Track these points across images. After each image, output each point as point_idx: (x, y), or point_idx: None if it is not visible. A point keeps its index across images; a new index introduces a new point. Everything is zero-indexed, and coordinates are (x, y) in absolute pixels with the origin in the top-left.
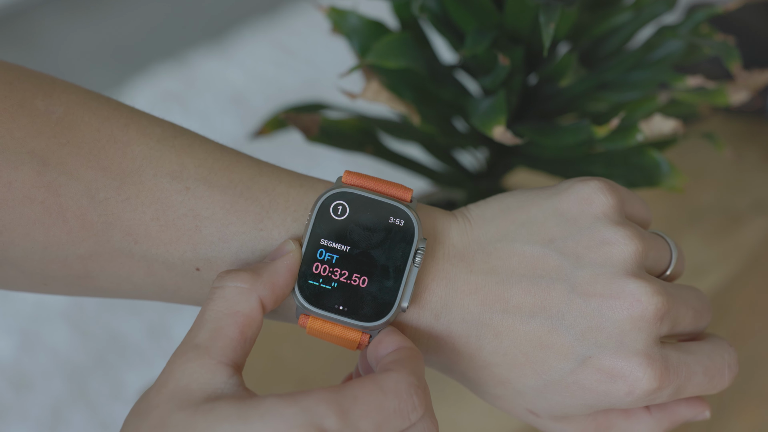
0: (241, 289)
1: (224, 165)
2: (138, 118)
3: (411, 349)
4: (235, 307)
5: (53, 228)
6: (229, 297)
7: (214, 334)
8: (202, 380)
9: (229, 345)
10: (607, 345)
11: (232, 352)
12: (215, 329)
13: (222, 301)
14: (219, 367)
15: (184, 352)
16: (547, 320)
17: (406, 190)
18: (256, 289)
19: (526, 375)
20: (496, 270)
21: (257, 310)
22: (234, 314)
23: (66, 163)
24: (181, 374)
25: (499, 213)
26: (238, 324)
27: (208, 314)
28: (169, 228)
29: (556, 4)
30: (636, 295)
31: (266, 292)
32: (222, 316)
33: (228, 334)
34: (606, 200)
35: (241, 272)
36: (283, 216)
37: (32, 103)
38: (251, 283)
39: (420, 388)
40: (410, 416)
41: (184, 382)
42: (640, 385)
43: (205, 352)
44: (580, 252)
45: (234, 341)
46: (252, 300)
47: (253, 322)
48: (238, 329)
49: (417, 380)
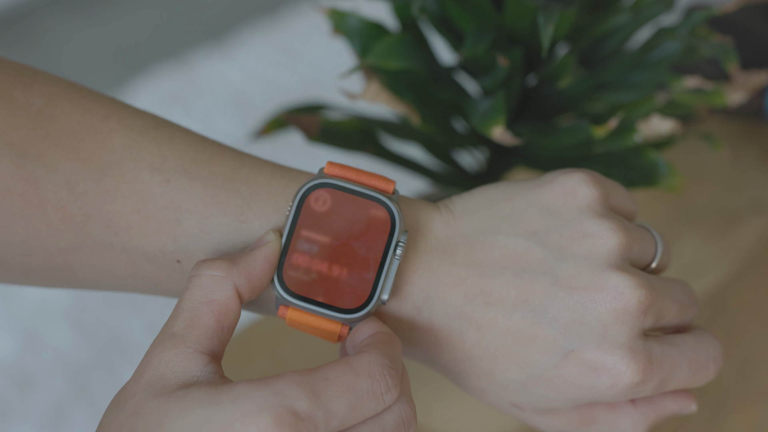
0: (216, 277)
1: (205, 156)
2: (119, 109)
3: (386, 333)
4: (211, 295)
5: (33, 221)
6: (205, 285)
7: (190, 323)
8: (178, 368)
9: (205, 333)
10: (590, 338)
11: (208, 340)
12: (191, 318)
13: (198, 289)
14: (195, 355)
15: (161, 342)
16: (529, 313)
17: (388, 182)
18: (232, 277)
19: (508, 368)
20: (479, 262)
21: (233, 299)
22: (210, 303)
23: (45, 155)
24: (158, 363)
25: (482, 205)
26: (214, 312)
27: (185, 303)
28: (149, 220)
29: (554, 6)
30: (619, 288)
31: (242, 280)
32: (198, 304)
33: (204, 322)
34: (590, 192)
35: (218, 261)
36: (264, 207)
37: (11, 94)
38: (227, 271)
39: (393, 369)
40: (384, 397)
41: (160, 371)
42: (623, 379)
43: (181, 340)
44: (563, 244)
45: (210, 330)
46: (228, 288)
47: (230, 311)
48: (214, 317)
49: (390, 362)
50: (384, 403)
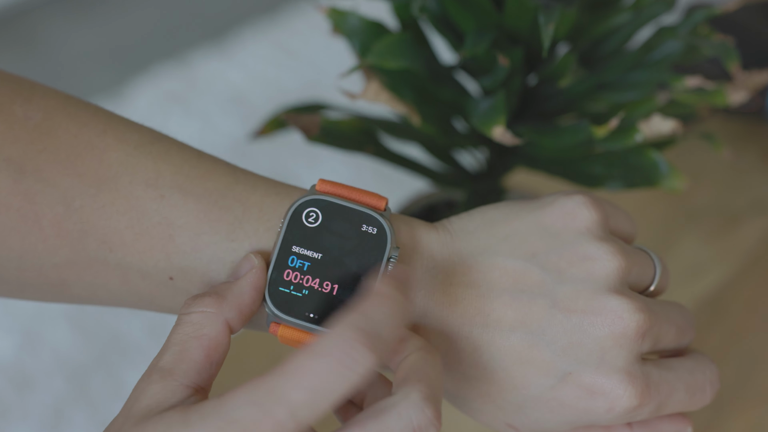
0: (207, 313)
1: (200, 172)
2: (116, 124)
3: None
4: (201, 330)
5: (29, 236)
6: (195, 321)
7: (179, 357)
8: (163, 400)
9: (193, 368)
10: (588, 361)
11: (197, 374)
12: (180, 351)
13: (188, 325)
14: (181, 389)
15: (149, 375)
16: (527, 335)
17: (380, 199)
18: (223, 312)
19: (505, 390)
20: (477, 283)
21: (224, 333)
22: (200, 337)
23: (42, 170)
24: (143, 395)
25: (481, 226)
26: (204, 347)
27: (174, 338)
28: (143, 236)
29: (555, 5)
30: (617, 312)
31: (233, 314)
32: (187, 338)
33: (193, 356)
34: (589, 215)
35: (206, 297)
36: (256, 226)
37: (10, 108)
38: (217, 307)
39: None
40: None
41: (145, 402)
42: (620, 403)
43: (169, 374)
44: (562, 267)
45: (198, 364)
46: (218, 323)
47: (220, 346)
48: (203, 352)
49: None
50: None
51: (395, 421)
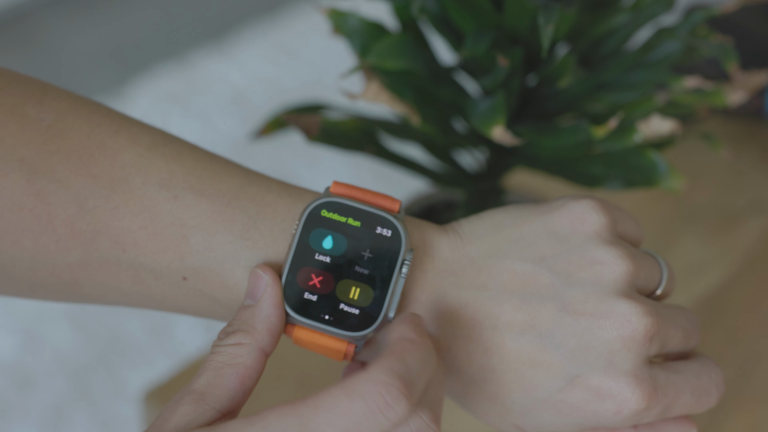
0: (243, 345)
1: (213, 173)
2: (129, 125)
3: (406, 341)
4: (237, 359)
5: (42, 236)
6: (230, 352)
7: (214, 381)
8: (192, 421)
9: (226, 394)
10: (596, 364)
11: (228, 401)
12: (215, 377)
13: (224, 355)
14: (211, 412)
15: (182, 396)
16: (536, 338)
17: (394, 201)
18: (258, 342)
19: (514, 392)
20: (487, 286)
21: (259, 362)
22: (235, 365)
23: (55, 171)
24: (173, 415)
25: (491, 229)
26: (239, 375)
27: (210, 363)
28: (156, 237)
29: (554, 6)
30: (626, 316)
31: (266, 340)
32: (223, 365)
33: (226, 383)
34: (598, 219)
35: (238, 332)
36: (271, 226)
37: (23, 109)
38: (251, 338)
39: (393, 386)
40: (386, 415)
41: (174, 422)
42: (628, 405)
43: (201, 397)
44: (571, 270)
45: (232, 390)
46: (254, 353)
47: (254, 374)
48: (238, 379)
49: (389, 377)
50: (389, 420)
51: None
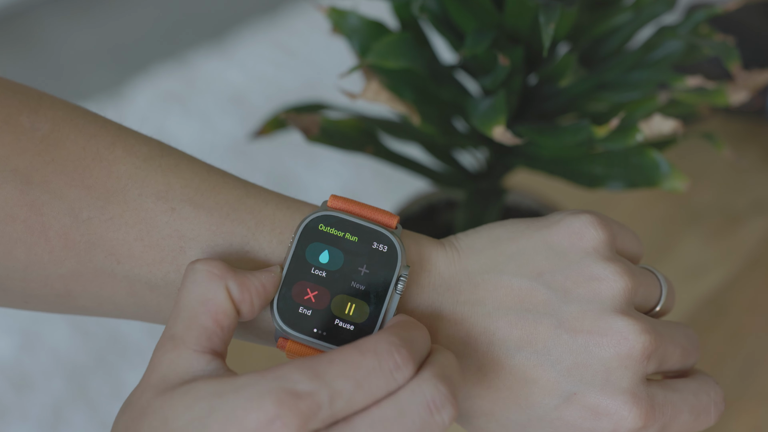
0: (211, 274)
1: (211, 186)
2: (125, 136)
3: (407, 319)
4: (207, 294)
5: (35, 247)
6: (199, 281)
7: (188, 323)
8: (180, 369)
9: (203, 334)
10: (593, 382)
11: (207, 340)
12: (189, 318)
13: (193, 285)
14: (195, 355)
15: (163, 344)
16: (532, 355)
17: (391, 217)
18: (225, 277)
19: (510, 409)
20: (483, 301)
21: (228, 300)
22: (205, 302)
23: (50, 182)
24: (160, 366)
25: (488, 244)
26: (211, 312)
27: (182, 302)
28: (153, 248)
29: (555, 5)
30: (623, 333)
31: (234, 284)
32: (195, 304)
33: (201, 323)
34: (597, 235)
35: (215, 260)
36: (269, 238)
37: (17, 119)
38: (222, 271)
39: (402, 347)
40: (394, 375)
41: (162, 372)
42: (625, 424)
43: (181, 341)
44: (568, 287)
45: (208, 330)
46: (221, 287)
47: (226, 311)
48: (211, 318)
49: (399, 340)
50: (395, 381)
51: (408, 397)
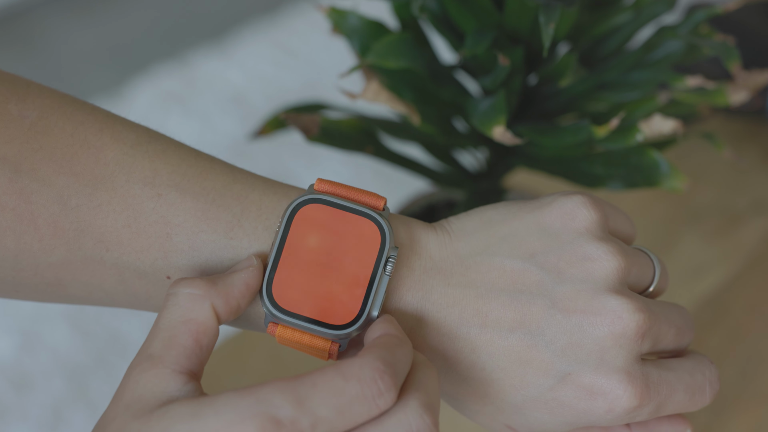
0: (194, 295)
1: (198, 171)
2: (113, 122)
3: (392, 336)
4: (189, 314)
5: (24, 235)
6: (182, 304)
7: (168, 343)
8: (157, 389)
9: (183, 353)
10: (588, 362)
11: (186, 360)
12: (169, 338)
13: (175, 308)
14: (173, 375)
15: (139, 363)
16: (526, 335)
17: (378, 198)
18: (210, 296)
19: (504, 391)
20: (475, 283)
21: (211, 318)
22: (187, 322)
23: (38, 170)
24: (135, 385)
25: (480, 226)
26: (192, 332)
27: (162, 322)
28: (140, 235)
29: (555, 5)
30: (617, 312)
31: (219, 301)
32: (176, 324)
33: (181, 342)
34: (589, 215)
35: (196, 279)
36: (255, 224)
37: (5, 107)
38: (205, 290)
39: (386, 374)
40: (377, 402)
41: (138, 392)
42: (620, 403)
43: (159, 361)
44: (561, 267)
45: (188, 349)
46: (205, 307)
47: (208, 330)
48: (191, 337)
49: (384, 365)
50: (378, 408)
51: (395, 426)
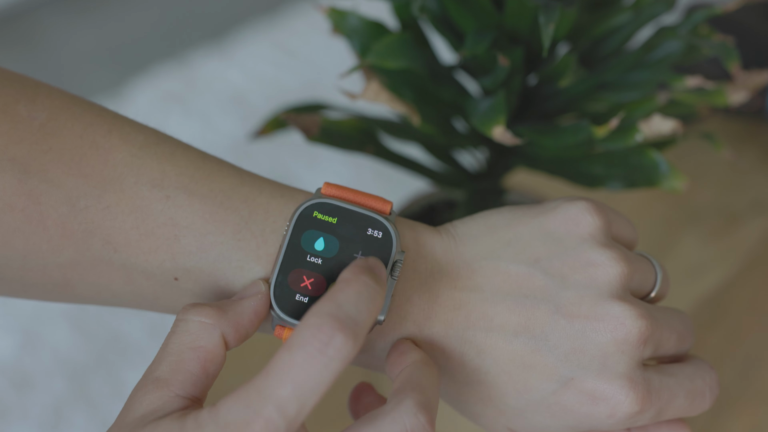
0: (205, 324)
1: (205, 174)
2: (121, 124)
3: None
4: (198, 341)
5: (33, 236)
6: (192, 331)
7: (175, 367)
8: (157, 409)
9: (189, 379)
10: (590, 367)
11: (192, 386)
12: (176, 362)
13: (185, 334)
14: (177, 399)
15: (144, 385)
16: (530, 340)
17: (385, 203)
18: (220, 325)
19: (507, 394)
20: (481, 287)
21: (220, 347)
22: (196, 349)
23: (47, 171)
24: (139, 405)
25: (485, 231)
26: (200, 359)
27: (171, 347)
28: (148, 237)
29: (555, 5)
30: (620, 318)
31: (230, 329)
32: (184, 349)
33: (189, 368)
34: (593, 221)
35: (206, 307)
36: (262, 227)
37: (15, 108)
38: (215, 319)
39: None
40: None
41: (140, 412)
42: (621, 408)
43: (165, 384)
44: (565, 273)
45: (195, 376)
46: (215, 336)
47: (216, 358)
48: (199, 364)
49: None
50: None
51: (389, 426)
